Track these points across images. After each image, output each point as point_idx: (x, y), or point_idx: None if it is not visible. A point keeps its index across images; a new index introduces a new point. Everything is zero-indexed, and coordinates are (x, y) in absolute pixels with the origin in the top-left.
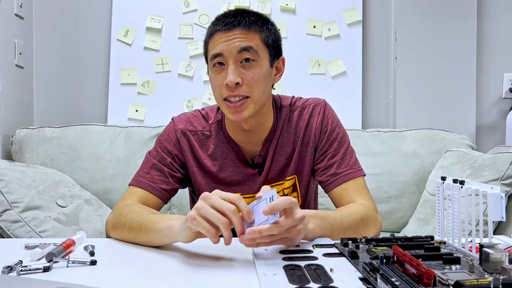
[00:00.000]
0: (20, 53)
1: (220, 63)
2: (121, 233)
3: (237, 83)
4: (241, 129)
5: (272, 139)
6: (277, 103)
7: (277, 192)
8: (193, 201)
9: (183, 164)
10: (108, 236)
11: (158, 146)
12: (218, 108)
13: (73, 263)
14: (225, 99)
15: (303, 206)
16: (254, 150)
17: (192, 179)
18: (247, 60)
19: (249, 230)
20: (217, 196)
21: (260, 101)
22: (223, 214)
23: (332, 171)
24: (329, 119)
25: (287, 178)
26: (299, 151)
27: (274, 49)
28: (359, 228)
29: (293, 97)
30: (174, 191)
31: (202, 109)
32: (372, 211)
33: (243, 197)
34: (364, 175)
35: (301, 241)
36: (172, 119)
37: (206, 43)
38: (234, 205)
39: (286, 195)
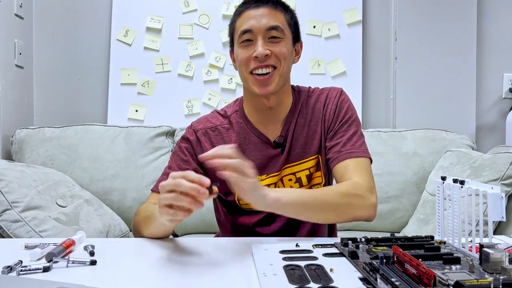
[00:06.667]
0: (20, 53)
1: (248, 40)
2: (138, 226)
3: (266, 55)
4: (262, 109)
5: (292, 119)
6: (295, 88)
7: (301, 171)
8: (216, 205)
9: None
10: (137, 236)
11: (176, 148)
12: (235, 100)
13: (73, 263)
14: (251, 73)
15: (326, 185)
16: (274, 132)
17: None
18: (274, 37)
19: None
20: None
21: (284, 76)
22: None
23: (337, 148)
24: (345, 103)
25: (310, 158)
26: (319, 131)
27: (295, 32)
28: (340, 206)
29: (310, 87)
30: None
31: (220, 109)
32: (363, 190)
33: (268, 177)
34: (370, 159)
35: (301, 241)
36: (191, 123)
37: (233, 23)
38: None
39: (312, 173)
